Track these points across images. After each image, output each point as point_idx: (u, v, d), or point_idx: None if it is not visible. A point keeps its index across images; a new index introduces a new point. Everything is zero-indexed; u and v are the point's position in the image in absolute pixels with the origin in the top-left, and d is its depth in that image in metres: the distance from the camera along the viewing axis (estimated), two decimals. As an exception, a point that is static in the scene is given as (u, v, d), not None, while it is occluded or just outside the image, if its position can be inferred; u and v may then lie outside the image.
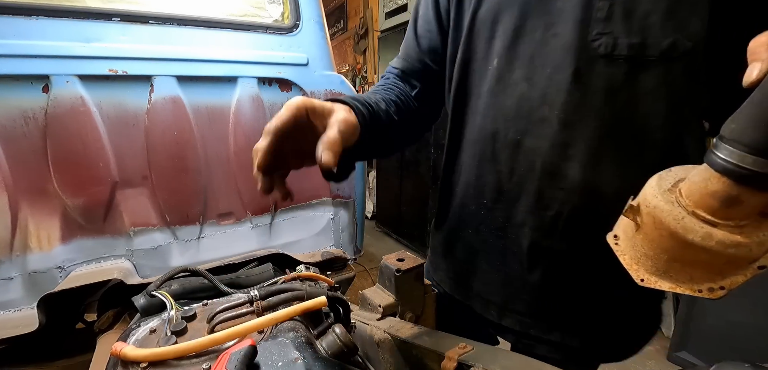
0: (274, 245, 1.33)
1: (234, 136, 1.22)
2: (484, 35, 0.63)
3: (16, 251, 1.00)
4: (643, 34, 0.51)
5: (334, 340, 0.50)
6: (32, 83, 0.97)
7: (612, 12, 0.52)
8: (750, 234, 0.31)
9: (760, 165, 0.28)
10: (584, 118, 0.55)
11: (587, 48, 0.53)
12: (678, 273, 0.37)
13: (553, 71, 0.56)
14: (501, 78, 0.62)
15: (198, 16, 1.19)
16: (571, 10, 0.54)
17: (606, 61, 0.53)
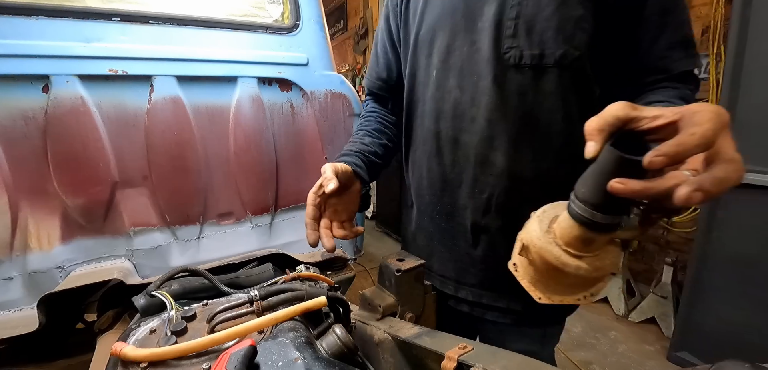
0: (274, 245, 1.33)
1: (234, 136, 1.22)
2: (424, 51, 0.77)
3: (16, 251, 1.00)
4: (541, 46, 0.64)
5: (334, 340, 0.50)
6: (32, 83, 0.97)
7: (517, 30, 0.65)
8: (603, 259, 0.46)
9: (600, 218, 0.42)
10: (504, 116, 0.69)
11: (501, 59, 0.67)
12: (563, 290, 0.51)
13: (477, 79, 0.70)
14: (439, 86, 0.76)
15: (198, 16, 1.19)
16: (488, 29, 0.67)
17: (516, 70, 0.67)
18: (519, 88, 0.67)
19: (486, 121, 0.70)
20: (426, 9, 0.76)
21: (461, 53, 0.71)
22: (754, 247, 1.74)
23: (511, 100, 0.68)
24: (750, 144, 1.72)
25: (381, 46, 0.91)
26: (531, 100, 0.67)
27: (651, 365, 2.18)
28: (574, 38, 0.63)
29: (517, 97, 0.68)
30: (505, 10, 0.66)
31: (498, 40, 0.67)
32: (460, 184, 0.77)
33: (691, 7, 2.44)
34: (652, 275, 2.71)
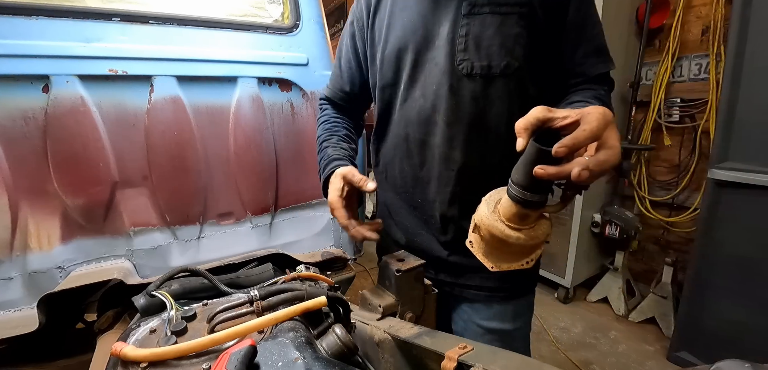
0: (274, 245, 1.33)
1: (234, 136, 1.22)
2: (392, 67, 0.87)
3: (16, 251, 1.00)
4: (488, 58, 0.76)
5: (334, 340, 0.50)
6: (32, 83, 0.97)
7: (467, 45, 0.77)
8: (537, 230, 0.59)
9: (530, 196, 0.55)
10: (460, 119, 0.80)
11: (455, 71, 0.78)
12: (508, 258, 0.64)
13: (437, 88, 0.81)
14: (407, 97, 0.86)
15: (198, 16, 1.19)
16: (443, 46, 0.78)
17: (468, 79, 0.78)
18: (472, 95, 0.78)
19: (445, 124, 0.81)
20: (390, 31, 0.87)
21: (423, 68, 0.82)
22: (754, 247, 1.74)
23: (465, 106, 0.80)
24: (750, 144, 1.72)
25: (345, 61, 0.99)
26: (482, 104, 0.79)
27: (651, 365, 2.18)
28: (514, 51, 0.76)
29: (471, 103, 0.79)
30: (456, 29, 0.77)
31: (452, 54, 0.78)
32: (429, 181, 0.88)
33: (692, 7, 2.44)
34: (652, 275, 2.71)
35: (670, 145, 2.62)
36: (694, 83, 2.48)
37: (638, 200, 2.77)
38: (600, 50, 0.80)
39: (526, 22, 0.75)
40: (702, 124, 2.41)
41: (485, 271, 0.81)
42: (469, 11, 0.76)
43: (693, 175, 2.50)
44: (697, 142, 2.47)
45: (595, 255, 2.88)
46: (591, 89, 0.78)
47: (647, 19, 2.51)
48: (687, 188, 2.54)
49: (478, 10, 0.75)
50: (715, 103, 2.29)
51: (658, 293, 2.49)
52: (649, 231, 2.77)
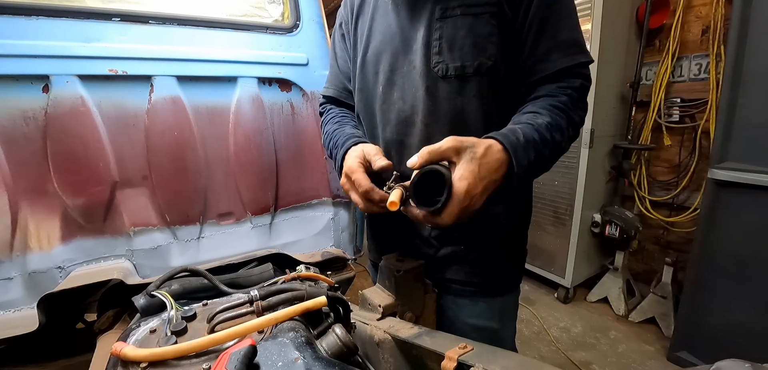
0: (274, 245, 1.33)
1: (234, 136, 1.22)
2: (371, 70, 0.90)
3: (16, 251, 1.00)
4: (462, 59, 0.77)
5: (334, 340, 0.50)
6: (32, 83, 0.97)
7: (441, 47, 0.79)
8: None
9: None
10: (437, 119, 0.82)
11: (431, 73, 0.80)
12: None
13: (415, 90, 0.83)
14: (385, 99, 0.88)
15: (198, 16, 1.19)
16: (420, 50, 0.81)
17: (443, 80, 0.80)
18: (448, 95, 0.80)
19: (423, 125, 0.83)
20: (371, 34, 0.89)
21: (402, 71, 0.84)
22: (754, 247, 1.74)
23: (442, 106, 0.81)
24: (750, 144, 1.72)
25: (341, 59, 1.01)
26: (459, 104, 0.80)
27: (651, 365, 2.18)
28: (486, 50, 0.77)
29: (447, 103, 0.81)
30: (431, 32, 0.80)
31: (428, 57, 0.80)
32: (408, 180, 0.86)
33: (692, 7, 2.44)
34: (652, 275, 2.71)
35: (670, 145, 2.62)
36: (694, 83, 2.48)
37: (638, 200, 2.77)
38: (565, 44, 0.77)
39: (497, 20, 0.76)
40: (702, 124, 2.42)
41: (470, 265, 0.87)
42: (442, 15, 0.78)
43: (693, 176, 2.50)
44: (697, 143, 2.47)
45: (595, 255, 2.88)
46: (548, 86, 0.78)
47: (647, 19, 2.51)
48: (687, 188, 2.54)
49: (451, 13, 0.77)
50: (715, 103, 2.29)
51: (658, 293, 2.49)
52: (649, 231, 2.77)
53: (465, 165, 0.62)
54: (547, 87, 0.78)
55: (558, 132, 0.73)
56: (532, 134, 0.69)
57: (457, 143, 0.63)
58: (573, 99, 0.77)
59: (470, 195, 0.61)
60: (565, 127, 0.75)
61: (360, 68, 0.92)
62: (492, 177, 0.64)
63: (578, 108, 0.78)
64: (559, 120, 0.74)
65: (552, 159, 0.74)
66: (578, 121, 0.78)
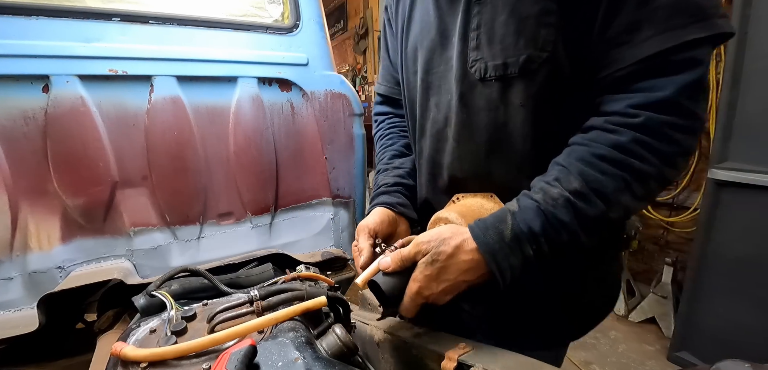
0: (274, 245, 1.33)
1: (234, 136, 1.22)
2: (411, 68, 0.74)
3: (16, 251, 1.00)
4: (503, 55, 0.57)
5: (334, 340, 0.50)
6: (32, 83, 0.97)
7: (479, 41, 0.59)
8: None
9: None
10: (470, 137, 0.64)
11: (467, 75, 0.61)
12: None
13: (450, 97, 0.65)
14: (422, 105, 0.72)
15: (198, 16, 1.19)
16: (457, 44, 0.62)
17: (482, 84, 0.60)
18: (487, 105, 0.60)
19: (454, 142, 0.66)
20: (410, 22, 0.73)
21: (437, 71, 0.67)
22: (754, 247, 1.74)
23: (478, 120, 0.62)
24: (750, 144, 1.72)
25: (392, 50, 0.86)
26: (499, 117, 0.60)
27: (651, 365, 2.18)
28: (538, 38, 0.53)
29: (484, 115, 0.61)
30: (469, 20, 0.59)
31: (464, 54, 0.60)
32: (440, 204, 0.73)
33: (691, 7, 2.44)
34: (652, 275, 2.71)
35: (670, 145, 2.62)
36: (694, 83, 2.48)
37: (638, 200, 2.77)
38: (667, 9, 0.46)
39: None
40: (702, 124, 2.42)
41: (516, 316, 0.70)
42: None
43: (693, 176, 2.50)
44: (697, 142, 2.47)
45: (595, 255, 2.88)
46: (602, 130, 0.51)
47: (647, 19, 2.51)
48: (687, 188, 2.54)
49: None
50: (715, 103, 2.29)
51: (658, 293, 2.49)
52: (649, 231, 2.77)
53: (421, 268, 0.56)
54: (614, 102, 0.51)
55: (600, 199, 0.50)
56: (535, 221, 0.52)
57: (420, 248, 0.56)
58: (653, 127, 0.48)
59: (421, 295, 0.57)
60: (615, 191, 0.50)
61: (401, 64, 0.77)
62: (460, 278, 0.55)
63: (664, 141, 0.48)
64: (604, 181, 0.50)
65: (587, 235, 0.52)
66: (659, 169, 0.49)
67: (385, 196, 0.77)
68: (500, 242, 0.53)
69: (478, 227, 0.55)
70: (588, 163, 0.51)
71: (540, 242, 0.52)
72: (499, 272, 0.53)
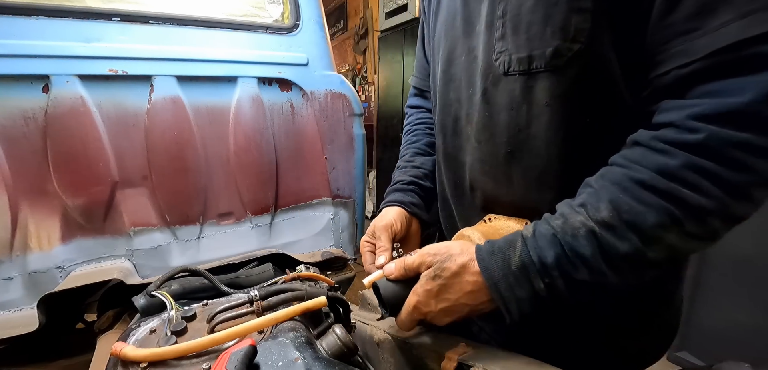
0: (274, 245, 1.33)
1: (234, 136, 1.22)
2: (435, 59, 0.69)
3: (16, 251, 1.00)
4: (529, 46, 0.50)
5: (334, 340, 0.50)
6: (32, 83, 0.97)
7: (505, 30, 0.52)
8: None
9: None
10: (491, 136, 0.58)
11: (492, 68, 0.55)
12: None
13: (472, 92, 0.60)
14: (443, 99, 0.67)
15: (198, 16, 1.19)
16: (483, 33, 0.56)
17: (506, 79, 0.53)
18: (509, 103, 0.54)
19: (476, 141, 0.60)
20: (438, 10, 0.67)
21: (460, 63, 0.62)
22: (754, 247, 1.74)
23: (499, 118, 0.56)
24: (750, 144, 1.72)
25: (427, 43, 0.80)
26: (522, 118, 0.53)
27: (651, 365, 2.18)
28: (568, 27, 0.45)
29: (506, 114, 0.55)
30: (495, 6, 0.53)
31: (490, 44, 0.55)
32: (460, 203, 0.70)
33: (691, 7, 2.44)
34: (652, 275, 2.71)
35: (670, 145, 2.62)
36: (694, 83, 2.48)
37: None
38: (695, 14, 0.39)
39: None
40: (702, 124, 2.41)
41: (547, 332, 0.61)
42: None
43: (693, 176, 2.50)
44: None
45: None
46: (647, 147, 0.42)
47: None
48: (687, 188, 2.54)
49: None
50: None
51: (658, 293, 2.49)
52: (649, 231, 2.77)
53: (422, 281, 0.53)
54: (670, 112, 0.41)
55: (634, 234, 0.41)
56: (548, 252, 0.45)
57: (425, 259, 0.53)
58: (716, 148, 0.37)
59: (419, 311, 0.54)
60: (656, 226, 0.40)
61: (431, 55, 0.73)
62: (462, 300, 0.51)
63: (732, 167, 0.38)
64: (640, 212, 0.41)
65: (617, 274, 0.44)
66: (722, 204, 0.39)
67: (400, 194, 0.76)
68: (504, 270, 0.47)
69: (485, 249, 0.50)
70: (623, 189, 0.42)
71: (553, 277, 0.45)
72: (502, 302, 0.48)
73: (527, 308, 0.47)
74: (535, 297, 0.46)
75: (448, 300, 0.51)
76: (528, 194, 0.57)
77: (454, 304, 0.51)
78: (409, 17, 3.59)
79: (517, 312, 0.47)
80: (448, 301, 0.51)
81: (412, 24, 3.57)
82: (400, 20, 3.73)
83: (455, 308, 0.52)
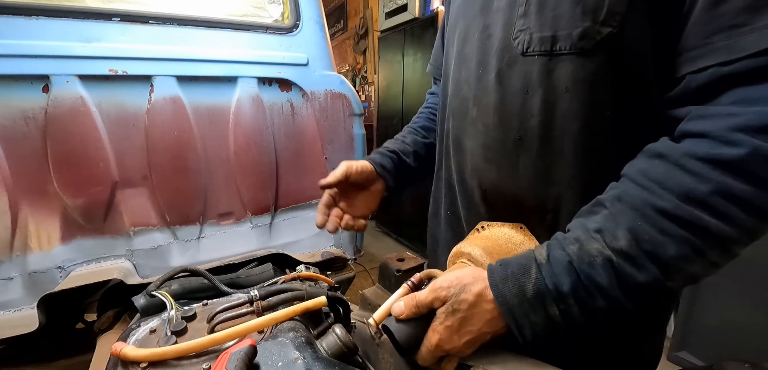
0: (274, 245, 1.33)
1: (234, 136, 1.22)
2: (450, 39, 0.67)
3: (16, 251, 1.00)
4: (554, 25, 0.46)
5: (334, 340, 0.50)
6: (32, 83, 0.97)
7: (529, 7, 0.49)
8: None
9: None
10: (500, 121, 0.54)
11: (509, 47, 0.51)
12: None
13: (483, 72, 0.56)
14: (455, 80, 0.64)
15: (198, 16, 1.19)
16: (502, 9, 0.53)
17: (523, 60, 0.50)
18: (523, 86, 0.50)
19: (483, 126, 0.57)
20: None
21: (474, 42, 0.58)
22: (754, 247, 1.73)
23: (511, 101, 0.52)
24: (750, 144, 1.72)
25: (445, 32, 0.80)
26: (537, 102, 0.49)
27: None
28: (601, 8, 0.42)
29: (520, 97, 0.51)
30: None
31: (510, 23, 0.51)
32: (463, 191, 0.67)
33: (691, 7, 2.44)
34: (652, 275, 2.71)
35: (670, 145, 2.62)
36: (694, 83, 2.48)
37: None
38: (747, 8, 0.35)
39: None
40: (702, 124, 2.41)
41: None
42: None
43: (693, 176, 2.50)
44: None
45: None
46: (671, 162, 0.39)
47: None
48: (687, 188, 2.54)
49: None
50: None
51: (658, 293, 2.49)
52: (649, 231, 2.77)
53: (441, 318, 0.49)
54: (706, 120, 0.37)
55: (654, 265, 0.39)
56: (564, 280, 0.42)
57: (438, 294, 0.49)
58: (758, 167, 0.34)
59: (442, 348, 0.50)
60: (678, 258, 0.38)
61: (447, 39, 0.71)
62: (483, 329, 0.49)
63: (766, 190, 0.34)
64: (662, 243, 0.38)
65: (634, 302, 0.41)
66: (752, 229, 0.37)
67: (378, 156, 0.79)
68: (520, 298, 0.45)
69: (498, 275, 0.47)
70: (644, 217, 0.39)
71: (568, 304, 0.43)
72: (517, 328, 0.46)
73: (541, 332, 0.45)
74: (549, 322, 0.45)
75: (471, 332, 0.49)
76: (533, 186, 0.53)
77: (476, 335, 0.49)
78: (409, 17, 3.59)
79: (531, 335, 0.46)
80: (470, 333, 0.49)
81: (412, 24, 3.57)
82: (400, 20, 3.72)
83: (478, 338, 0.50)
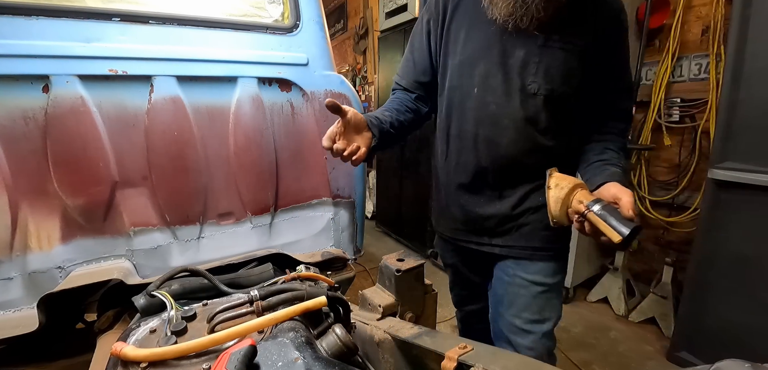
0: (274, 245, 1.33)
1: (234, 136, 1.22)
2: (467, 72, 1.03)
3: (16, 251, 1.00)
4: (552, 84, 0.96)
5: (334, 340, 0.50)
6: (32, 83, 0.97)
7: (537, 71, 0.96)
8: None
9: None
10: (525, 127, 1.00)
11: (525, 88, 0.97)
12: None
13: (508, 99, 0.99)
14: (480, 100, 1.02)
15: (198, 16, 1.19)
16: (517, 67, 0.97)
17: (534, 97, 0.98)
18: (536, 109, 0.98)
19: (515, 131, 1.01)
20: (467, 41, 1.03)
21: (497, 80, 0.99)
22: (754, 247, 1.74)
23: (528, 116, 0.99)
24: (750, 144, 1.72)
25: (419, 54, 1.14)
26: (543, 118, 0.99)
27: (651, 365, 2.18)
28: (571, 81, 0.97)
29: (532, 112, 0.99)
30: (530, 57, 0.96)
31: (523, 75, 0.97)
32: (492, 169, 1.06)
33: (692, 7, 2.44)
34: (652, 275, 2.71)
35: (670, 145, 2.62)
36: (694, 83, 2.47)
37: (638, 200, 2.77)
38: (629, 88, 1.09)
39: (582, 60, 0.95)
40: (702, 124, 2.41)
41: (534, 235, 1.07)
42: (544, 44, 0.95)
43: (693, 176, 2.49)
44: (697, 143, 2.46)
45: (595, 255, 2.88)
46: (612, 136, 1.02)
47: (647, 19, 2.51)
48: (687, 188, 2.53)
49: (551, 45, 0.95)
50: (715, 103, 2.29)
51: (658, 293, 2.49)
52: (649, 231, 2.77)
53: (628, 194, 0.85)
54: (615, 123, 1.03)
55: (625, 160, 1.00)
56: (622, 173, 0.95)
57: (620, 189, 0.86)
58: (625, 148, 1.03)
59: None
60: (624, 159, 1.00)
61: (455, 69, 1.06)
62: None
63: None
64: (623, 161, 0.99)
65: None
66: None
67: (370, 114, 1.03)
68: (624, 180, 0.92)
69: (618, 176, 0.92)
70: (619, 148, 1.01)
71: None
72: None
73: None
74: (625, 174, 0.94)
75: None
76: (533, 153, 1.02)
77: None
78: (409, 17, 3.59)
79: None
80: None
81: (412, 24, 3.56)
82: (400, 20, 3.72)
83: None
